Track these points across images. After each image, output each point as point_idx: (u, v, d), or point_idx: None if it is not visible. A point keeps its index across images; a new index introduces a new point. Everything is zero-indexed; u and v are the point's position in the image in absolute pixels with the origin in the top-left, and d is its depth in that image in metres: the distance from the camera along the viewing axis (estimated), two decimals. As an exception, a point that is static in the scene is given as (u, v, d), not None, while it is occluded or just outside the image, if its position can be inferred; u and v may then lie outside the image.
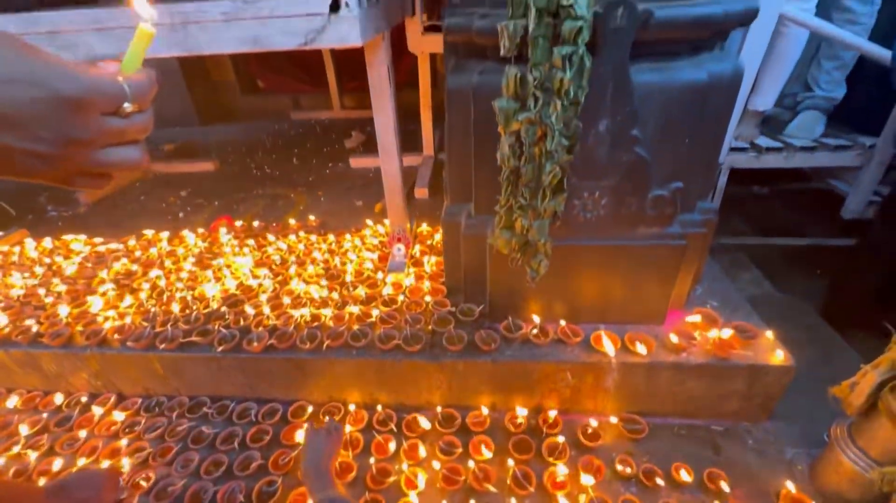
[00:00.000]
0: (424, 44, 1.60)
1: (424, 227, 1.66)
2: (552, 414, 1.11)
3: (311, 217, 1.83)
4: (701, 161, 0.99)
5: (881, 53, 1.44)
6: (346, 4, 0.83)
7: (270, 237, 1.66)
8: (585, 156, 0.93)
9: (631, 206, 1.00)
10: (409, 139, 2.07)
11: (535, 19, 0.70)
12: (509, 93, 0.81)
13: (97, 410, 1.22)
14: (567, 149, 0.83)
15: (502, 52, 0.77)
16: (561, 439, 1.04)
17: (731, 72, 0.89)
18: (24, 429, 1.17)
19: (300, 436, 1.12)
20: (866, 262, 1.55)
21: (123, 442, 1.14)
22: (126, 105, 0.33)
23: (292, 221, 1.78)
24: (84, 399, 1.27)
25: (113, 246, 1.70)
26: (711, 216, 1.10)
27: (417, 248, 1.52)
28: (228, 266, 1.50)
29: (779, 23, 1.44)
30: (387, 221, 1.54)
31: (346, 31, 0.87)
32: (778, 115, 1.88)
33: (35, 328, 1.25)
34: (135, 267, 1.53)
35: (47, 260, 1.62)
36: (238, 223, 1.80)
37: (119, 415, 1.19)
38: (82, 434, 1.17)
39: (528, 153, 0.84)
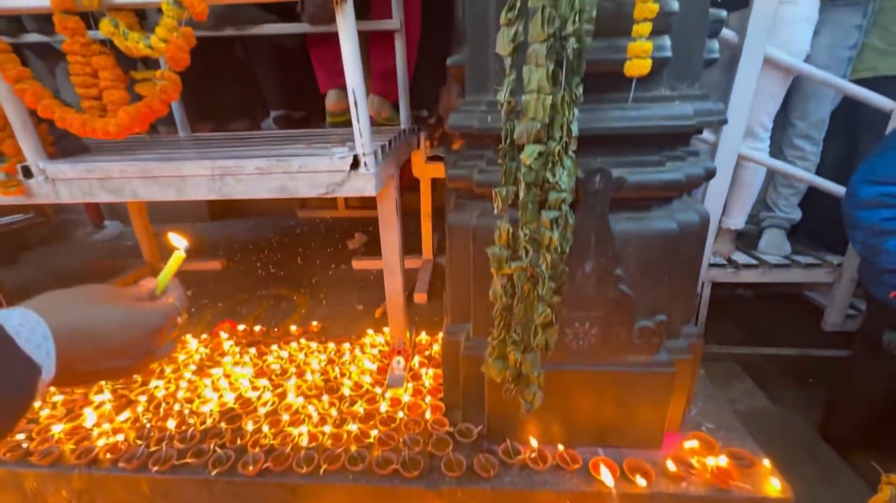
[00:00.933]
0: (427, 170, 1.79)
1: (423, 336, 1.71)
2: (553, 549, 1.07)
3: (314, 323, 1.88)
4: (680, 295, 1.08)
5: (828, 186, 1.64)
6: (365, 164, 0.97)
7: (272, 347, 1.69)
8: (574, 290, 1.02)
9: (619, 336, 1.07)
10: (408, 239, 2.20)
11: (525, 190, 0.83)
12: (501, 241, 0.92)
13: (75, 540, 1.15)
14: (556, 290, 0.91)
15: (496, 212, 0.89)
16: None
17: (698, 221, 1.02)
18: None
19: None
20: (857, 376, 1.59)
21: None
22: (178, 318, 0.44)
23: (293, 328, 1.83)
24: (61, 524, 1.21)
25: (114, 351, 1.72)
26: (697, 340, 1.17)
27: (416, 359, 1.56)
28: (228, 376, 1.51)
29: (739, 159, 1.65)
30: (386, 330, 1.59)
31: (363, 185, 1.00)
32: (749, 230, 2.04)
33: (25, 445, 1.23)
34: (135, 376, 1.54)
35: (47, 366, 1.63)
36: (240, 327, 1.85)
37: (97, 547, 1.13)
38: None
39: (520, 293, 0.93)
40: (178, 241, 0.52)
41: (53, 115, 0.89)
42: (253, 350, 1.66)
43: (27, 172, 1.06)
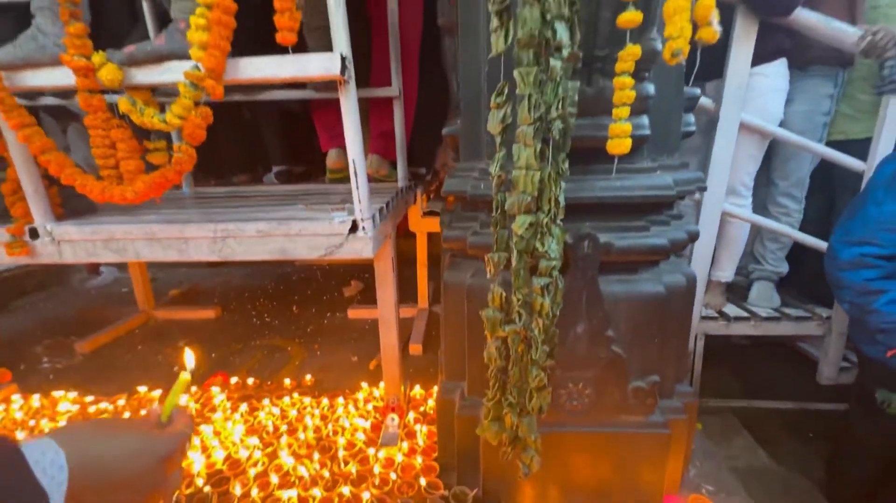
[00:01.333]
0: (423, 224, 1.84)
1: (418, 390, 1.69)
2: None
3: (308, 376, 1.86)
4: (672, 355, 1.10)
5: (811, 241, 1.70)
6: (364, 228, 1.01)
7: (264, 401, 1.67)
8: (567, 351, 1.03)
9: (613, 396, 1.07)
10: (404, 286, 2.21)
11: (517, 257, 0.86)
12: (495, 305, 0.95)
13: None
14: (549, 353, 0.93)
15: (489, 277, 0.93)
16: None
17: (685, 283, 1.06)
18: None
19: None
20: (856, 433, 1.58)
21: None
22: (187, 445, 0.46)
23: (287, 380, 1.81)
24: None
25: (102, 405, 1.68)
26: (691, 400, 1.17)
27: (411, 415, 1.53)
28: (218, 433, 1.48)
29: (723, 215, 1.71)
30: (381, 383, 1.58)
31: (361, 248, 1.04)
32: (738, 282, 2.08)
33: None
34: (121, 432, 1.50)
35: (31, 422, 1.59)
36: (233, 380, 1.82)
37: None
38: None
39: (515, 356, 0.94)
40: (189, 361, 0.54)
41: (75, 182, 0.93)
42: (244, 406, 1.63)
43: (34, 234, 1.10)
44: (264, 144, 2.08)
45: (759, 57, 1.55)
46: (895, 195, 1.20)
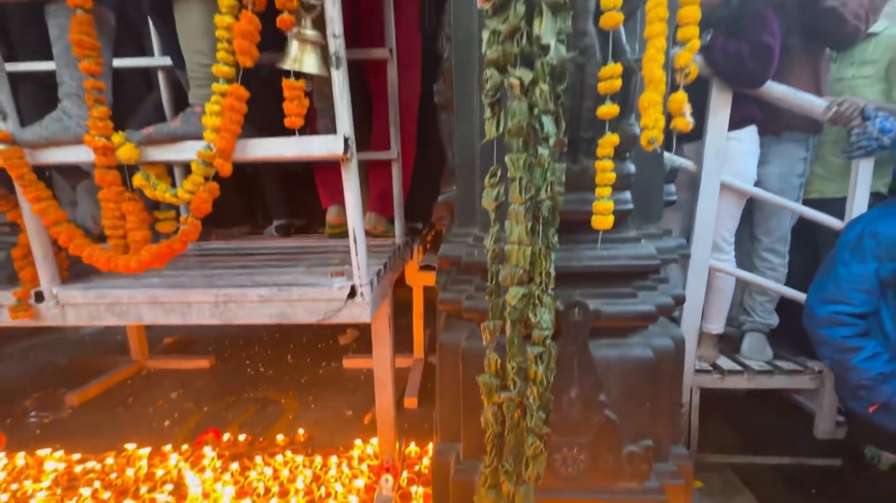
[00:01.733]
0: (419, 278, 1.88)
1: (413, 447, 1.67)
2: None
3: (301, 431, 1.83)
4: (664, 418, 1.11)
5: (795, 295, 1.75)
6: (362, 294, 1.05)
7: (256, 459, 1.64)
8: (561, 417, 1.04)
9: (608, 462, 1.07)
10: (399, 333, 2.21)
11: (511, 327, 0.89)
12: (491, 370, 0.97)
13: None
14: (544, 420, 0.94)
15: (484, 344, 0.96)
16: None
17: (673, 346, 1.09)
18: None
19: None
20: (853, 490, 1.56)
21: None
22: None
23: (280, 437, 1.78)
24: None
25: (89, 464, 1.64)
26: (686, 462, 1.17)
27: (405, 474, 1.51)
28: (207, 495, 1.44)
29: (710, 270, 1.77)
30: (375, 440, 1.56)
31: (359, 313, 1.07)
32: (731, 333, 2.10)
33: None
34: (107, 494, 1.47)
35: (14, 486, 1.55)
36: (225, 436, 1.79)
37: None
38: None
39: (511, 422, 0.95)
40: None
41: (82, 252, 0.97)
42: (236, 465, 1.60)
43: (39, 297, 1.12)
44: (265, 197, 2.15)
45: (733, 123, 1.66)
46: (861, 257, 1.26)
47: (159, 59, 1.57)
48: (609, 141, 0.87)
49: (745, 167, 1.73)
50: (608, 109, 0.85)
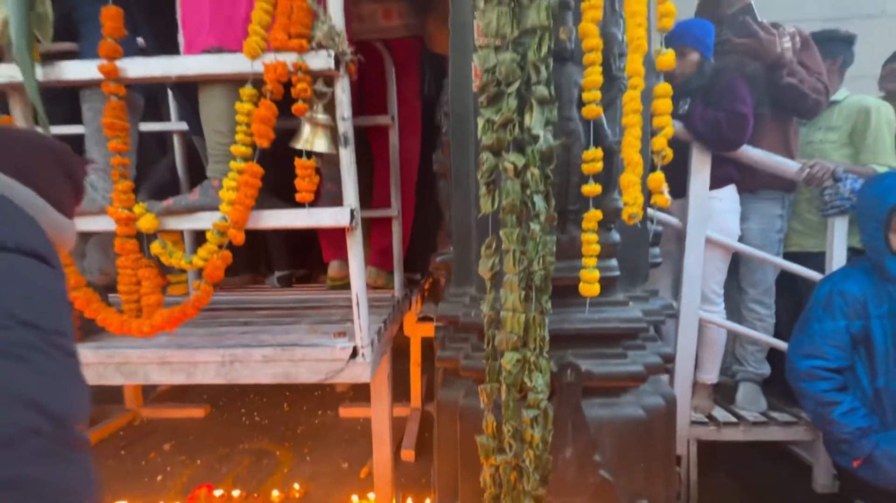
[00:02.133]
0: (417, 329, 1.92)
1: (410, 504, 1.65)
2: None
3: (296, 486, 1.80)
4: (658, 476, 1.13)
5: (782, 345, 1.80)
6: (363, 355, 1.09)
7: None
8: (557, 477, 1.06)
9: (605, 524, 1.08)
10: (396, 380, 2.20)
11: (507, 391, 0.94)
12: (489, 432, 1.00)
13: None
14: (541, 481, 0.97)
15: (482, 406, 0.99)
16: None
17: (664, 405, 1.12)
18: None
19: None
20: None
21: None
22: None
23: (275, 493, 1.76)
24: None
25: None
26: (683, 523, 1.18)
27: (402, 534, 1.49)
28: (200, 558, 1.41)
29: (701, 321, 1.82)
30: (372, 496, 1.55)
31: (359, 373, 1.11)
32: (725, 382, 2.13)
33: None
34: (97, 557, 1.43)
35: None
36: (217, 492, 1.76)
37: None
38: None
39: (508, 485, 0.98)
40: None
41: (97, 316, 1.02)
42: (230, 524, 1.58)
43: (50, 356, 1.15)
44: (268, 248, 2.21)
45: (714, 182, 1.77)
46: (832, 314, 1.32)
47: (175, 124, 1.68)
48: (593, 216, 0.94)
49: (729, 224, 1.82)
50: (591, 189, 0.93)
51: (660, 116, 0.93)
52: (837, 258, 1.75)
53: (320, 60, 0.98)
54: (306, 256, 2.21)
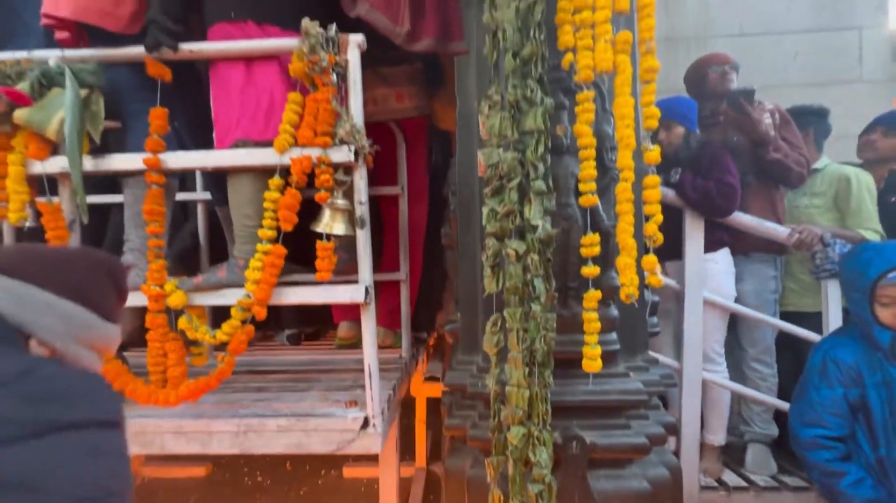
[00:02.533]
0: (423, 389, 1.95)
1: (415, 576, 1.61)
2: None
3: (298, 555, 1.77)
4: (667, 552, 1.13)
5: (786, 407, 1.80)
6: (374, 426, 1.13)
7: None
8: (565, 552, 1.07)
9: None
10: (401, 435, 2.16)
11: (513, 465, 0.97)
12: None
13: None
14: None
15: (488, 480, 1.02)
16: None
17: (669, 476, 1.14)
18: None
19: None
20: None
21: None
22: None
23: (278, 563, 1.72)
24: None
25: None
26: None
27: None
28: None
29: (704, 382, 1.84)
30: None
31: (370, 444, 1.14)
32: (733, 442, 2.11)
33: None
34: None
35: None
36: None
37: None
38: None
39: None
40: None
41: (126, 387, 1.07)
42: None
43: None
44: (277, 307, 2.28)
45: (708, 245, 1.85)
46: (828, 383, 1.33)
47: (200, 194, 1.80)
48: (593, 296, 1.02)
49: (724, 285, 1.88)
50: (590, 271, 1.01)
51: (650, 205, 1.02)
52: (833, 319, 1.80)
53: (342, 154, 1.09)
54: (314, 314, 2.27)
